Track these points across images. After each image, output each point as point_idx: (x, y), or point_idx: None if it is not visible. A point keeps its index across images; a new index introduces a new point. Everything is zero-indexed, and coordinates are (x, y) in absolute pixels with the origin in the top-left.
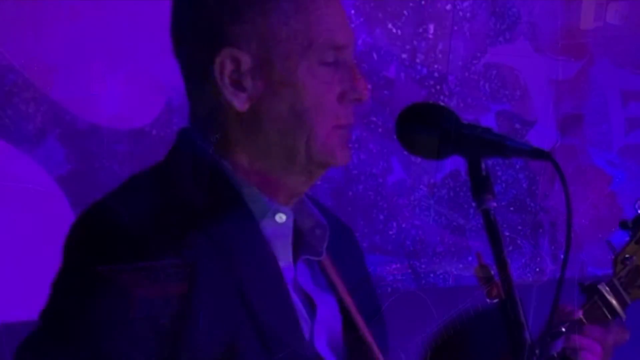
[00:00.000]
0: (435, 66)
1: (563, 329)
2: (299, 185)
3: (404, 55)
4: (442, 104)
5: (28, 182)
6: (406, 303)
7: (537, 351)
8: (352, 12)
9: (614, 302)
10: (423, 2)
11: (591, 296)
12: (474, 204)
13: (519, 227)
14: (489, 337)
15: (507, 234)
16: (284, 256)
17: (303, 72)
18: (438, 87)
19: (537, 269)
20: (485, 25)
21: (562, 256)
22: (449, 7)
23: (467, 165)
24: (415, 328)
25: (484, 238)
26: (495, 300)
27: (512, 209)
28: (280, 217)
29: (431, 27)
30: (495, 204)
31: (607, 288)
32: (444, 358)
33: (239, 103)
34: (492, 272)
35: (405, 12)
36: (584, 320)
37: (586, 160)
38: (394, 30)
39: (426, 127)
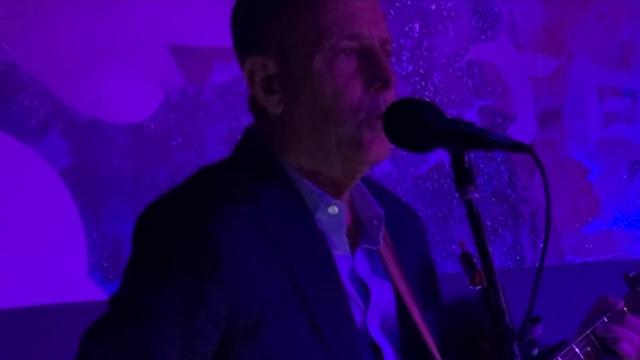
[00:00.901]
0: (421, 63)
1: (605, 319)
2: (344, 180)
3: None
4: (427, 99)
5: (31, 174)
6: None
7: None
8: None
9: None
10: (409, 2)
11: (634, 287)
12: (457, 195)
13: (501, 217)
14: (472, 322)
15: (489, 223)
16: (341, 246)
17: (320, 65)
18: (423, 83)
19: (518, 257)
20: (468, 25)
21: (541, 245)
22: (433, 7)
23: (451, 158)
24: None
25: (467, 227)
26: (478, 287)
27: (493, 199)
28: (333, 209)
29: (416, 26)
30: (477, 195)
31: None
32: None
33: (272, 107)
34: (475, 260)
35: (392, 11)
36: (626, 311)
37: (564, 153)
38: None
39: (412, 122)
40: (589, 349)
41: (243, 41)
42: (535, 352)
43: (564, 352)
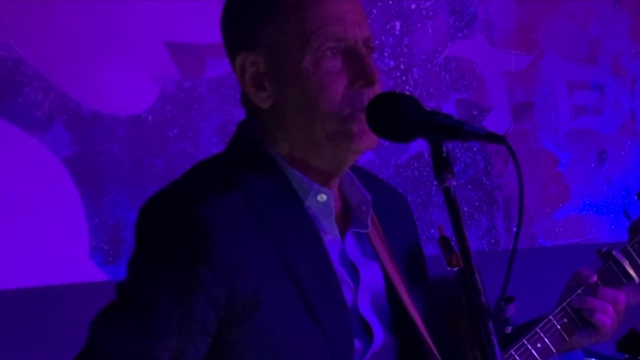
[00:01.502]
0: (401, 59)
1: (580, 292)
2: (333, 170)
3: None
4: (407, 93)
5: (37, 163)
6: None
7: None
8: None
9: (627, 266)
10: (390, 2)
11: (606, 261)
12: (435, 183)
13: (476, 203)
14: (451, 301)
15: (465, 209)
16: (330, 231)
17: (307, 66)
18: (404, 78)
19: (493, 241)
20: (446, 23)
21: (514, 229)
22: (413, 6)
23: (430, 147)
24: None
25: (445, 213)
26: (455, 269)
27: (470, 186)
28: (322, 197)
29: (397, 24)
30: (454, 183)
31: (622, 254)
32: None
33: (261, 101)
34: (453, 244)
35: (374, 10)
36: (599, 284)
37: (536, 143)
38: None
39: (393, 114)
40: (565, 320)
41: (234, 38)
42: (509, 330)
43: (542, 324)
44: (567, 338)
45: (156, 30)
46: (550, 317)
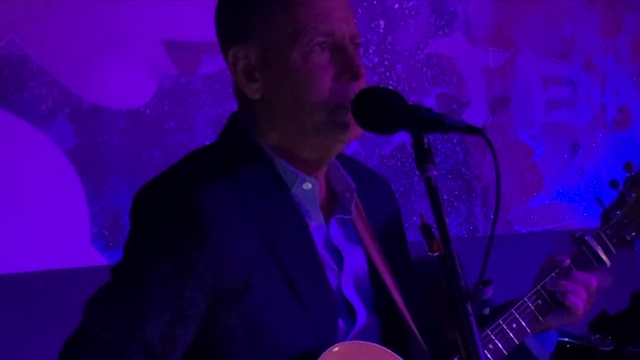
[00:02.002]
0: (385, 56)
1: (554, 275)
2: (318, 160)
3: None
4: (391, 88)
5: (41, 154)
6: None
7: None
8: None
9: (599, 251)
10: (375, 2)
11: (579, 246)
12: (417, 172)
13: (456, 192)
14: (432, 284)
15: (445, 197)
16: (315, 217)
17: (296, 60)
18: (387, 73)
19: (471, 227)
20: (427, 22)
21: (492, 216)
22: (396, 6)
23: (412, 139)
24: None
25: (427, 201)
26: (436, 254)
27: (450, 176)
28: (307, 186)
29: (382, 23)
30: (435, 172)
31: (594, 239)
32: None
33: (252, 92)
34: (433, 230)
35: (359, 10)
36: (572, 267)
37: (512, 135)
38: None
39: (378, 107)
40: (540, 302)
41: (227, 32)
42: (487, 311)
43: (517, 305)
44: (541, 319)
45: (154, 29)
46: (525, 299)
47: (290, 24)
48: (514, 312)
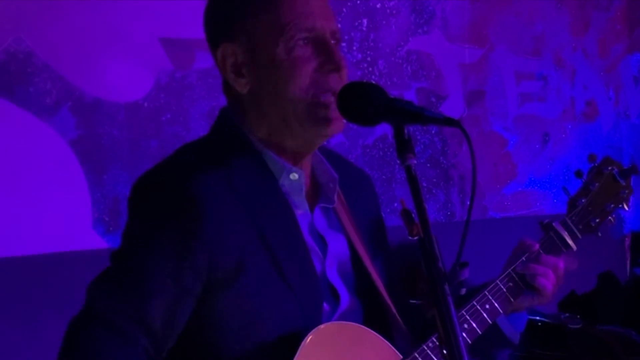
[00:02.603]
0: (368, 52)
1: (524, 259)
2: (303, 151)
3: (343, 44)
4: (373, 82)
5: (46, 144)
6: None
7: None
8: None
9: (566, 236)
10: (358, 2)
11: (547, 232)
12: (398, 161)
13: (434, 180)
14: (411, 266)
15: (424, 185)
16: (301, 206)
17: (281, 54)
18: (370, 69)
19: (449, 213)
20: (407, 20)
21: (468, 203)
22: (378, 5)
23: (393, 130)
24: None
25: (407, 188)
26: (416, 238)
27: (428, 165)
28: (294, 176)
29: (365, 21)
30: (415, 161)
31: (561, 225)
32: None
33: (240, 87)
34: (413, 215)
35: (344, 9)
36: (541, 252)
37: (487, 126)
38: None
39: (361, 101)
40: (511, 284)
41: (216, 31)
42: (464, 291)
43: (490, 287)
44: (512, 300)
45: (151, 27)
46: (497, 281)
47: (275, 22)
48: (487, 293)
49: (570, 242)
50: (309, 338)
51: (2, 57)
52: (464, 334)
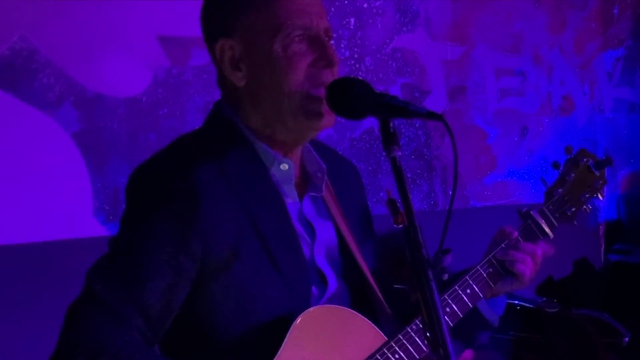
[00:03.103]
0: (355, 50)
1: (503, 246)
2: (294, 143)
3: (331, 42)
4: (360, 78)
5: (49, 137)
6: None
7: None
8: None
9: (543, 225)
10: (346, 2)
11: (526, 220)
12: (384, 153)
13: (418, 171)
14: (396, 253)
15: (409, 175)
16: (291, 194)
17: (277, 50)
18: (357, 65)
19: (432, 202)
20: (392, 19)
21: (450, 192)
22: (365, 5)
23: (379, 124)
24: None
25: (392, 179)
26: (401, 226)
27: (413, 157)
28: (284, 166)
29: (352, 20)
30: (400, 153)
31: (538, 214)
32: None
33: (237, 80)
34: (398, 205)
35: (332, 8)
36: (520, 239)
37: (468, 120)
38: None
39: (349, 96)
40: (491, 270)
41: (214, 28)
42: (446, 277)
43: (471, 273)
44: (492, 285)
45: (149, 26)
46: (478, 267)
47: (272, 20)
48: (468, 279)
49: (547, 230)
50: (299, 319)
51: (8, 54)
52: (446, 317)
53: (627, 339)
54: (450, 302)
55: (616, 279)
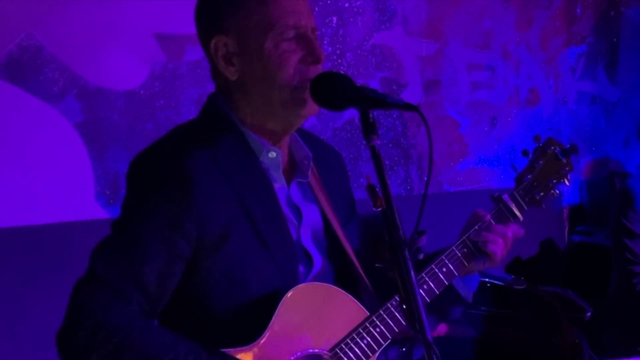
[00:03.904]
0: (337, 46)
1: (477, 227)
2: (283, 131)
3: None
4: (342, 72)
5: (54, 127)
6: None
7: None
8: None
9: (514, 208)
10: (328, 1)
11: (498, 204)
12: (364, 142)
13: (396, 158)
14: (375, 234)
15: (387, 162)
16: (279, 180)
17: (269, 47)
18: (339, 60)
19: (408, 187)
20: (372, 18)
21: (425, 178)
22: (346, 4)
23: (360, 114)
24: None
25: (371, 166)
26: (379, 209)
27: (390, 145)
28: (272, 154)
29: (334, 19)
30: (379, 142)
31: (509, 198)
32: None
33: (230, 74)
34: (377, 189)
35: (316, 8)
36: (492, 221)
37: (442, 111)
38: None
39: (332, 88)
40: (465, 250)
41: (209, 25)
42: (421, 256)
43: (446, 253)
44: (466, 264)
45: (147, 24)
46: (453, 247)
47: (265, 19)
48: (444, 258)
49: (517, 213)
50: (290, 293)
51: (15, 50)
52: (423, 293)
53: (589, 314)
54: (428, 279)
55: (579, 258)
